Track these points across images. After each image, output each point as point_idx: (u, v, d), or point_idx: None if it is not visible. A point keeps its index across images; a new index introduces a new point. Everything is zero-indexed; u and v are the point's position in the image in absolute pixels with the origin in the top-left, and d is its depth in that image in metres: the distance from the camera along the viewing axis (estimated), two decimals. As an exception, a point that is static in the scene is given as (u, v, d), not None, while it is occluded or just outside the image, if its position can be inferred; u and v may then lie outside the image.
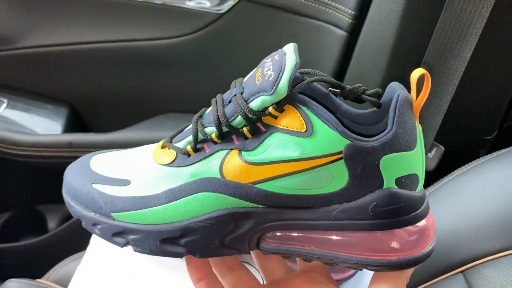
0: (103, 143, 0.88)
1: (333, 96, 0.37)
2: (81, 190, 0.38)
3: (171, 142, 0.38)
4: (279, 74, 0.33)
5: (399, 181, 0.33)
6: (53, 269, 0.78)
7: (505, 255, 0.55)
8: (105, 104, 0.98)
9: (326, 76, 0.36)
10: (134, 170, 0.38)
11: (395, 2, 0.67)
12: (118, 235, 0.37)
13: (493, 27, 0.65)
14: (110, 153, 0.42)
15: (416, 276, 0.62)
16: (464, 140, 0.79)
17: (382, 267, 0.34)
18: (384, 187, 0.33)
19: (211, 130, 0.35)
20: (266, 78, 0.34)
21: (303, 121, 0.33)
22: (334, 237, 0.35)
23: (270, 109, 0.33)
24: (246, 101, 0.34)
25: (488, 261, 0.56)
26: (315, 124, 0.33)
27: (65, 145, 0.87)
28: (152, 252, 0.36)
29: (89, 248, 0.63)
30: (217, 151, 0.35)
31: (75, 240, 0.86)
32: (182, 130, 0.39)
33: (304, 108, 0.33)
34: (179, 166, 0.36)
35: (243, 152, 0.34)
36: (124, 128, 0.93)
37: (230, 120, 0.35)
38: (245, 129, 0.34)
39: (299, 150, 0.33)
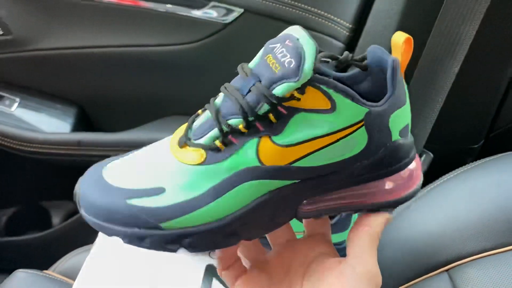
0: (111, 142, 0.89)
1: (324, 66, 0.39)
2: (116, 209, 0.36)
3: (188, 142, 0.37)
4: (301, 60, 0.33)
5: (401, 133, 0.37)
6: (59, 262, 0.78)
7: (486, 255, 0.57)
8: (113, 106, 0.99)
9: (323, 52, 0.38)
10: (162, 176, 0.36)
11: (390, 18, 0.68)
12: (171, 242, 0.36)
13: (480, 43, 0.66)
14: (119, 162, 0.39)
15: (403, 274, 0.63)
16: (452, 148, 0.81)
17: (392, 205, 0.39)
18: (392, 140, 0.37)
19: (237, 122, 0.35)
20: (287, 65, 0.34)
21: (326, 99, 0.34)
22: (358, 191, 0.38)
23: (295, 93, 0.34)
24: (269, 89, 0.34)
25: (471, 260, 0.58)
26: (337, 100, 0.34)
27: (74, 143, 0.88)
28: (210, 248, 0.37)
29: (97, 240, 0.63)
30: (248, 141, 0.35)
31: (78, 235, 0.87)
32: (190, 127, 0.38)
33: (324, 87, 0.34)
34: (214, 163, 0.36)
35: (273, 137, 0.35)
36: (130, 129, 0.93)
37: (256, 109, 0.34)
38: (270, 115, 0.35)
39: (327, 126, 0.35)
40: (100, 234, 0.64)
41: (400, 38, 0.37)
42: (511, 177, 0.61)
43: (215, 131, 0.36)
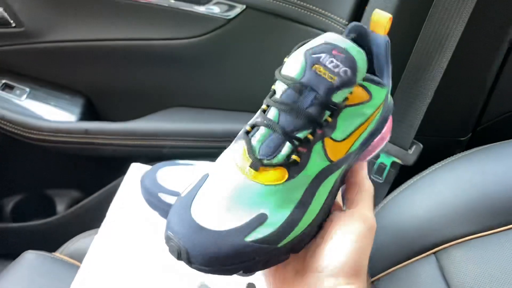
0: (117, 131, 0.90)
1: None
2: (235, 253, 0.35)
3: (262, 164, 0.37)
4: (356, 68, 0.37)
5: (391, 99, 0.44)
6: (66, 244, 0.80)
7: (471, 238, 0.59)
8: (118, 97, 1.00)
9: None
10: (256, 204, 0.36)
11: None
12: (285, 254, 0.38)
13: (468, 39, 0.69)
14: (201, 202, 0.37)
15: (392, 257, 0.65)
16: (441, 140, 0.83)
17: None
18: (389, 105, 0.43)
19: (305, 133, 0.37)
20: (342, 74, 0.36)
21: (365, 92, 0.38)
22: (374, 147, 0.44)
23: (347, 95, 0.37)
24: (329, 98, 0.36)
25: (457, 243, 0.60)
26: (371, 89, 0.38)
27: (82, 131, 0.90)
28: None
29: (103, 224, 0.65)
30: (314, 146, 0.37)
31: (83, 221, 0.90)
32: (253, 149, 0.37)
33: (363, 82, 0.37)
34: (297, 176, 0.37)
35: (332, 135, 0.38)
36: (134, 119, 0.94)
37: (320, 119, 0.37)
38: (328, 118, 0.37)
39: (367, 113, 0.39)
40: (107, 217, 0.65)
41: (382, 17, 0.39)
42: (495, 166, 0.64)
43: (288, 147, 0.37)
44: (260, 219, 0.36)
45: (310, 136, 0.37)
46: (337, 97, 0.37)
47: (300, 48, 0.38)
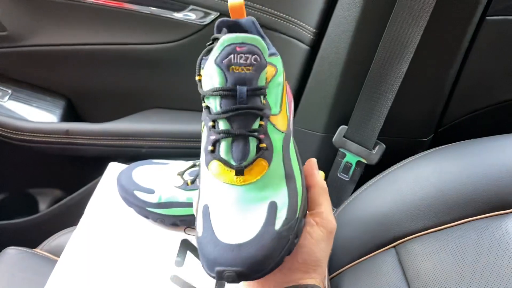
0: (97, 132, 0.90)
1: None
2: (276, 244, 0.38)
3: (244, 167, 0.40)
4: (260, 52, 0.40)
5: None
6: (47, 241, 0.80)
7: (428, 233, 0.62)
8: (98, 98, 1.00)
9: None
10: (262, 198, 0.40)
11: (348, 24, 0.72)
12: (302, 219, 0.42)
13: (425, 46, 0.71)
14: (223, 226, 0.39)
15: (357, 251, 0.68)
16: (404, 141, 0.85)
17: None
18: None
19: (257, 124, 0.41)
20: (254, 61, 0.39)
21: (272, 66, 0.43)
22: (290, 101, 0.48)
23: None
24: (256, 85, 0.41)
25: (415, 237, 0.62)
26: (273, 61, 0.44)
27: (63, 132, 0.90)
28: None
29: (81, 221, 0.65)
30: (267, 128, 0.42)
31: (64, 219, 0.88)
32: (227, 160, 0.40)
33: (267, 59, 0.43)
34: (273, 157, 0.41)
35: (272, 112, 0.43)
36: (114, 119, 0.95)
37: (261, 106, 0.41)
38: (263, 101, 0.42)
39: (280, 83, 0.45)
40: (84, 215, 0.66)
41: (237, 4, 0.43)
42: (450, 165, 0.66)
43: (253, 142, 0.40)
44: (273, 207, 0.39)
45: (262, 123, 0.40)
46: (261, 81, 0.40)
47: (207, 62, 0.40)
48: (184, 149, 0.91)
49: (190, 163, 0.65)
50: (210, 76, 0.40)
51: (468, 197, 0.60)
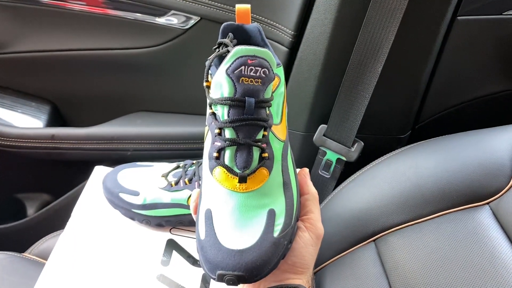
0: (82, 136, 0.90)
1: None
2: (274, 250, 0.39)
3: (247, 174, 0.41)
4: (269, 65, 0.41)
5: None
6: (35, 245, 0.80)
7: (405, 226, 0.63)
8: (83, 103, 0.99)
9: None
10: (262, 206, 0.41)
11: (325, 26, 0.73)
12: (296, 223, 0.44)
13: (400, 47, 0.72)
14: (225, 231, 0.40)
15: (338, 246, 0.69)
16: (382, 138, 0.86)
17: None
18: None
19: (260, 134, 0.42)
20: (263, 74, 0.41)
21: (276, 76, 0.44)
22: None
23: None
24: (263, 98, 0.42)
25: (393, 231, 0.64)
26: (277, 72, 0.44)
27: (48, 137, 0.89)
28: None
29: (68, 224, 0.65)
30: (269, 138, 0.44)
31: (52, 223, 0.89)
32: (230, 167, 0.41)
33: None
34: (273, 165, 0.43)
35: (274, 122, 0.45)
36: (98, 124, 0.94)
37: (266, 117, 0.42)
38: (267, 112, 0.43)
39: (282, 93, 0.46)
40: (71, 219, 0.66)
41: (244, 9, 0.44)
42: (426, 160, 0.67)
43: (256, 151, 0.41)
44: (272, 215, 0.41)
45: (265, 133, 0.42)
46: (267, 94, 0.41)
47: (218, 71, 0.40)
48: (168, 151, 0.91)
49: (174, 164, 0.65)
50: (219, 85, 0.40)
51: (443, 190, 0.61)
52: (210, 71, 0.43)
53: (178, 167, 0.65)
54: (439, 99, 0.87)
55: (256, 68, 0.40)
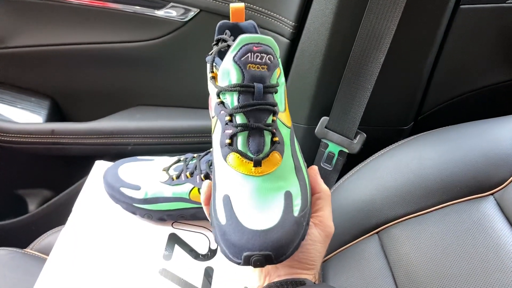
0: (82, 131, 0.90)
1: None
2: (297, 229, 0.40)
3: (261, 158, 0.42)
4: (274, 52, 0.43)
5: None
6: (36, 240, 0.80)
7: (409, 218, 0.63)
8: (83, 98, 0.99)
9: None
10: (278, 188, 0.42)
11: (325, 17, 0.72)
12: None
13: (402, 36, 0.72)
14: (247, 214, 0.40)
15: (341, 239, 0.69)
16: (385, 130, 0.85)
17: None
18: None
19: (270, 118, 0.43)
20: (269, 60, 0.42)
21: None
22: None
23: None
24: (269, 83, 0.43)
25: (397, 223, 0.64)
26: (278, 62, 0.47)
27: (48, 132, 0.89)
28: None
29: (70, 219, 0.65)
30: (277, 123, 0.44)
31: (52, 218, 0.91)
32: (244, 151, 0.42)
33: None
34: (284, 149, 0.44)
35: (280, 110, 0.45)
36: (99, 118, 0.94)
37: (274, 102, 0.43)
38: (274, 98, 0.44)
39: (283, 82, 0.47)
40: (72, 215, 0.66)
41: (238, 7, 0.46)
42: (429, 151, 0.67)
43: (267, 136, 0.42)
44: (289, 196, 0.42)
45: (274, 118, 0.43)
46: (273, 79, 0.43)
47: (225, 60, 0.42)
48: (169, 145, 0.91)
49: (175, 158, 0.65)
50: (227, 73, 0.42)
51: (447, 182, 0.61)
52: (215, 63, 0.44)
53: (179, 160, 0.64)
54: (441, 89, 0.87)
55: (261, 54, 0.41)
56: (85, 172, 0.73)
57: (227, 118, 0.42)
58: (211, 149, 0.56)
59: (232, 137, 0.42)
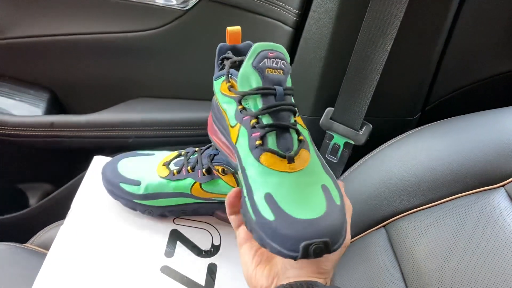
0: (82, 123, 0.89)
1: None
2: (343, 214, 0.42)
3: (294, 155, 0.44)
4: (286, 57, 0.46)
5: None
6: (37, 235, 0.80)
7: (417, 211, 0.62)
8: (82, 90, 0.99)
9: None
10: (315, 182, 0.44)
11: (330, 3, 0.71)
12: None
13: (409, 24, 0.71)
14: (295, 206, 0.42)
15: None
16: (392, 120, 0.84)
17: None
18: None
19: (292, 118, 0.46)
20: (283, 66, 0.46)
21: None
22: None
23: None
24: (287, 86, 0.47)
25: (404, 216, 0.63)
26: None
27: (47, 125, 0.89)
28: None
29: (69, 213, 0.64)
30: (297, 123, 0.47)
31: (52, 213, 0.89)
32: (275, 144, 0.44)
33: None
34: (309, 147, 0.46)
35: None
36: (99, 110, 0.93)
37: (293, 103, 0.47)
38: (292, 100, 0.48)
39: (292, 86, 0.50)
40: (72, 209, 0.65)
41: (234, 31, 0.49)
42: (438, 142, 0.66)
43: (294, 134, 0.45)
44: (326, 189, 0.43)
45: (295, 118, 0.46)
46: (289, 83, 0.46)
47: (243, 65, 0.45)
48: (171, 137, 0.91)
49: (175, 153, 0.64)
50: (247, 78, 0.45)
51: (457, 173, 0.60)
52: (230, 74, 0.47)
53: (179, 155, 0.63)
54: (450, 78, 0.86)
55: (276, 60, 0.44)
56: (86, 165, 0.72)
57: (254, 120, 0.44)
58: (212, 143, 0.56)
59: (262, 138, 0.44)
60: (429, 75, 0.81)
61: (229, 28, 0.49)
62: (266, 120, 0.44)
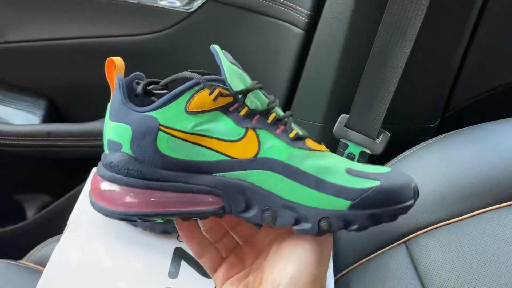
0: (80, 132, 0.89)
1: None
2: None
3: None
4: None
5: None
6: (32, 251, 0.79)
7: (440, 226, 0.60)
8: (81, 97, 0.98)
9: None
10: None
11: (345, 4, 0.70)
12: None
13: (430, 26, 0.69)
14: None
15: (363, 249, 0.66)
16: (409, 128, 0.83)
17: None
18: None
19: None
20: None
21: None
22: None
23: None
24: None
25: (427, 232, 0.60)
26: None
27: (44, 134, 0.88)
28: None
29: (66, 229, 0.63)
30: None
31: (50, 226, 0.89)
32: (299, 133, 0.44)
33: None
34: None
35: None
36: (99, 119, 0.92)
37: None
38: None
39: None
40: (69, 223, 0.64)
41: (115, 62, 0.46)
42: (461, 152, 0.64)
43: None
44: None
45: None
46: None
47: (225, 65, 0.43)
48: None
49: None
50: (236, 76, 0.42)
51: (484, 185, 0.58)
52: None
53: None
54: (471, 84, 0.84)
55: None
56: (84, 176, 0.71)
57: (271, 116, 0.42)
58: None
59: (290, 128, 0.43)
60: (450, 80, 0.80)
61: (114, 58, 0.46)
62: (277, 110, 0.43)
